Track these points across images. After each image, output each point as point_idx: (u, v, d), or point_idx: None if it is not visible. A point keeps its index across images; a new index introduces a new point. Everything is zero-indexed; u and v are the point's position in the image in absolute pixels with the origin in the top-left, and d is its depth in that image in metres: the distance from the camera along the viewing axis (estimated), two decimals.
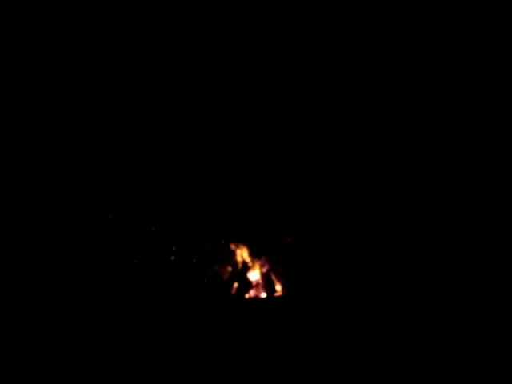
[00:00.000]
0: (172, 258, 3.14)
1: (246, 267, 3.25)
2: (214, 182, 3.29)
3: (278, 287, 3.22)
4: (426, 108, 3.21)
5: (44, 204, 3.07)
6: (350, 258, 3.18)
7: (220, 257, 3.27)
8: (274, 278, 3.25)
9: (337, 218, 3.25)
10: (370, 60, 3.23)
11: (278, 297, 3.18)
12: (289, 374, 2.61)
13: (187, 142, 3.27)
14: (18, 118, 3.11)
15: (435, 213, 3.12)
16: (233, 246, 3.31)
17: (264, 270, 3.28)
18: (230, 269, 3.24)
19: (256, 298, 3.18)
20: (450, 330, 2.71)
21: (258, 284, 3.24)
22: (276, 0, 3.16)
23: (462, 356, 2.56)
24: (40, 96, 3.15)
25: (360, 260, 3.17)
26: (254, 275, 3.26)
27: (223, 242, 3.28)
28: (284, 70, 3.27)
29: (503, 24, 3.04)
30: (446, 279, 2.96)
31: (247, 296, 3.17)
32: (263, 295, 3.20)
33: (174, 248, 3.15)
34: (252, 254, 3.32)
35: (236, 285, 3.18)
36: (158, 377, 2.58)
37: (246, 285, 3.21)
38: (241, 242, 3.33)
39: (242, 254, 3.31)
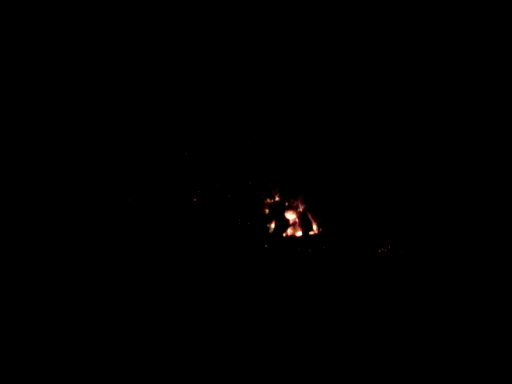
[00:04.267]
0: (210, 199, 3.27)
1: (283, 207, 3.35)
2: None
3: (315, 226, 3.32)
4: (426, 108, 3.21)
5: (45, 203, 3.13)
6: (387, 199, 3.22)
7: (258, 198, 3.37)
8: (310, 217, 3.35)
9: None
10: (370, 60, 3.23)
11: (314, 235, 3.29)
12: (325, 317, 2.77)
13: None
14: (18, 119, 3.17)
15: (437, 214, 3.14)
16: (270, 187, 3.39)
17: (300, 209, 3.37)
18: (267, 209, 3.35)
19: (293, 237, 3.31)
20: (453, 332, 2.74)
21: (294, 223, 3.35)
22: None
23: (462, 356, 2.60)
24: (40, 96, 3.19)
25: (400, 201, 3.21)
26: (291, 215, 3.37)
27: (260, 183, 3.36)
28: (284, 70, 3.30)
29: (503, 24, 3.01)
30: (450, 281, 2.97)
31: (284, 235, 3.30)
32: (300, 234, 3.32)
33: (211, 187, 3.28)
34: (289, 194, 3.40)
35: (273, 224, 3.31)
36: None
37: (284, 224, 3.33)
38: (278, 182, 3.40)
39: (279, 194, 3.40)
